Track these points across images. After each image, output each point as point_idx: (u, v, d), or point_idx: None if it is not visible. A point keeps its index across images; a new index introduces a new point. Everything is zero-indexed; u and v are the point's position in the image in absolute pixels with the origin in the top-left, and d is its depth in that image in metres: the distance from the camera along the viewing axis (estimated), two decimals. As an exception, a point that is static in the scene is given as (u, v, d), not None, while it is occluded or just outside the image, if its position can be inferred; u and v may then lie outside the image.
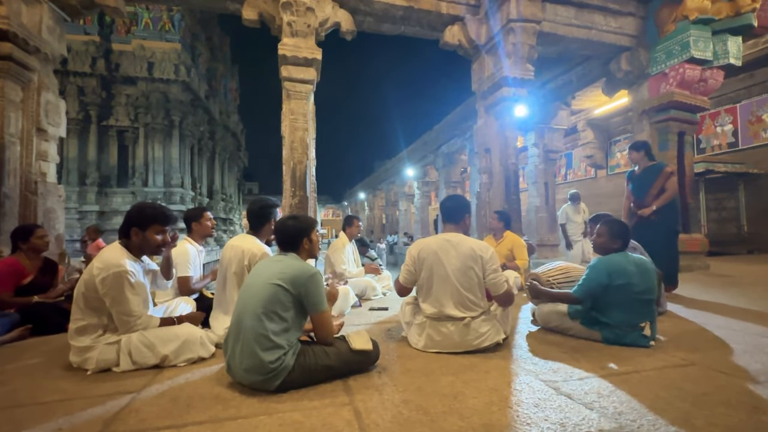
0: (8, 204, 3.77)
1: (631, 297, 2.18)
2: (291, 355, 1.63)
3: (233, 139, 19.19)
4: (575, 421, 1.33)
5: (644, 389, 1.59)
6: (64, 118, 4.46)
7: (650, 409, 1.41)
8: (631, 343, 2.15)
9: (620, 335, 2.18)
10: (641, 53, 5.69)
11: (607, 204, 10.71)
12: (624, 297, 2.19)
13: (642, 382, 1.66)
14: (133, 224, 2.01)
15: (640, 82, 5.93)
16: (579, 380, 1.70)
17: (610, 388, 1.60)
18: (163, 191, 11.88)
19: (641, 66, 5.74)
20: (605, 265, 2.27)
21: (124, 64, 11.66)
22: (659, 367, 1.87)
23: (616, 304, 2.21)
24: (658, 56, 5.59)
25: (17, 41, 3.73)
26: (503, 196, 5.24)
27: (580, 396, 1.54)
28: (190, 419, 1.40)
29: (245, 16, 4.55)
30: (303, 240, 1.91)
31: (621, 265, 2.23)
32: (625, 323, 2.18)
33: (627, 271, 2.21)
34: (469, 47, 5.36)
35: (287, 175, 4.56)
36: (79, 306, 1.89)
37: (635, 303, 2.19)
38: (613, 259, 2.28)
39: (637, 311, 2.19)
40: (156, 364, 1.92)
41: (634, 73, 5.86)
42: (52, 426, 1.37)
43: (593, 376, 1.74)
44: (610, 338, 2.20)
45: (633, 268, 2.23)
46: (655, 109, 5.69)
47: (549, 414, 1.39)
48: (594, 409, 1.43)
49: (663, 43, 5.50)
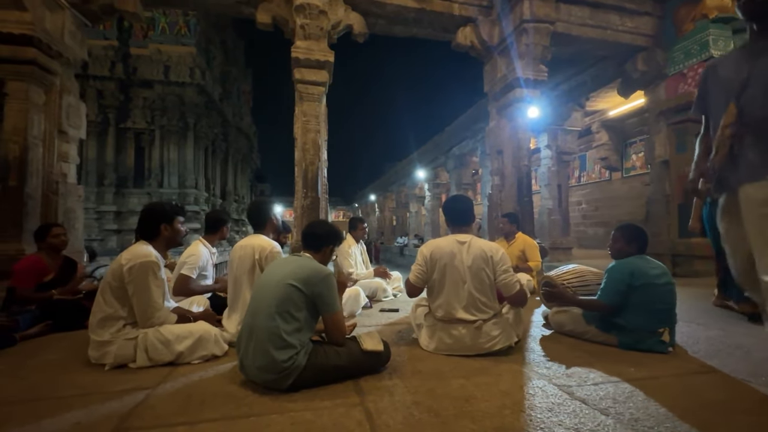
0: (31, 204, 3.88)
1: (651, 301, 2.12)
2: (303, 354, 1.64)
3: (246, 141, 19.45)
4: (590, 427, 1.31)
5: (662, 396, 1.55)
6: (84, 121, 4.59)
7: (668, 416, 1.38)
8: (649, 349, 2.09)
9: (637, 340, 2.12)
10: (658, 53, 5.59)
11: (622, 207, 10.50)
12: (644, 300, 2.13)
13: (659, 389, 1.62)
14: (162, 221, 2.15)
15: (657, 82, 5.81)
16: (594, 385, 1.67)
17: (626, 394, 1.57)
18: (177, 192, 12.10)
19: (658, 66, 5.63)
20: (625, 266, 2.20)
21: (141, 67, 11.94)
22: (677, 373, 1.82)
23: (635, 308, 2.15)
24: (676, 56, 5.47)
25: (41, 46, 3.86)
26: (515, 198, 5.19)
27: (595, 401, 1.51)
28: (204, 416, 1.42)
29: (259, 20, 4.62)
30: (329, 246, 1.97)
31: (641, 267, 2.17)
32: (644, 328, 2.13)
33: (647, 274, 2.15)
34: (481, 48, 5.33)
35: (299, 177, 4.60)
36: (104, 297, 1.96)
37: (655, 307, 2.13)
38: (632, 261, 2.22)
39: (656, 316, 2.13)
40: (171, 360, 1.96)
41: (651, 73, 5.75)
42: (71, 420, 1.40)
43: (609, 382, 1.71)
44: (627, 343, 2.15)
45: (654, 270, 2.17)
46: (672, 110, 5.57)
47: (563, 419, 1.37)
48: (609, 414, 1.40)
49: (681, 42, 5.38)
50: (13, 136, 3.81)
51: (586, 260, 6.59)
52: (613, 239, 2.38)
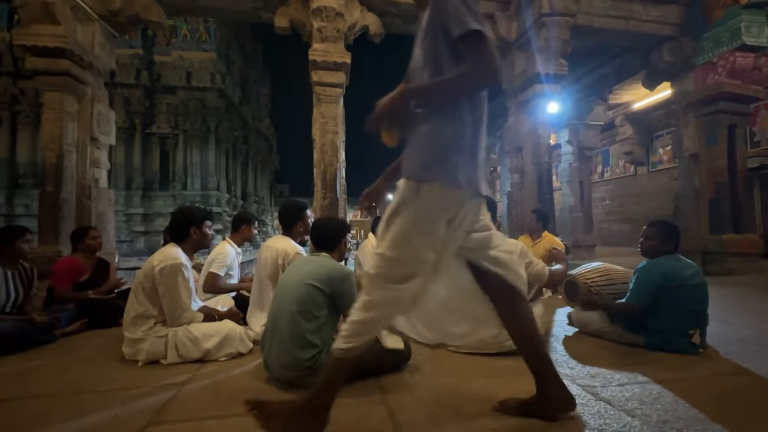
0: (66, 208, 4.09)
1: (683, 302, 2.04)
2: (325, 353, 1.67)
3: (265, 143, 19.81)
4: (615, 428, 1.29)
5: (691, 398, 1.50)
6: (113, 127, 4.80)
7: (698, 418, 1.34)
8: (678, 350, 2.03)
9: (666, 341, 2.06)
10: (685, 42, 5.37)
11: (648, 203, 10.14)
12: (675, 302, 2.05)
13: (689, 391, 1.58)
14: (192, 224, 2.25)
15: (685, 73, 5.59)
16: (619, 386, 1.64)
17: (654, 396, 1.53)
18: (200, 194, 12.45)
19: (685, 56, 5.42)
20: (657, 266, 2.12)
21: (164, 74, 12.34)
22: (708, 375, 1.76)
23: (666, 309, 2.07)
24: (705, 45, 5.25)
25: (74, 58, 4.06)
26: (536, 195, 5.10)
27: (621, 402, 1.48)
28: (232, 411, 1.47)
29: (277, 24, 4.71)
30: (341, 241, 1.99)
31: (674, 267, 2.09)
32: (673, 329, 2.06)
33: (681, 274, 2.06)
34: (499, 44, 5.26)
35: (318, 178, 4.67)
36: (137, 296, 2.07)
37: (687, 308, 2.05)
38: (665, 261, 2.13)
39: (687, 317, 2.06)
40: (199, 357, 2.04)
41: (678, 63, 5.54)
42: (110, 413, 1.49)
43: (635, 383, 1.67)
44: (654, 344, 2.09)
45: (687, 271, 2.09)
46: (701, 102, 5.34)
47: (587, 420, 1.35)
48: (636, 416, 1.37)
49: (711, 30, 5.16)
50: (49, 144, 4.03)
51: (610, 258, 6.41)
52: (645, 236, 2.27)
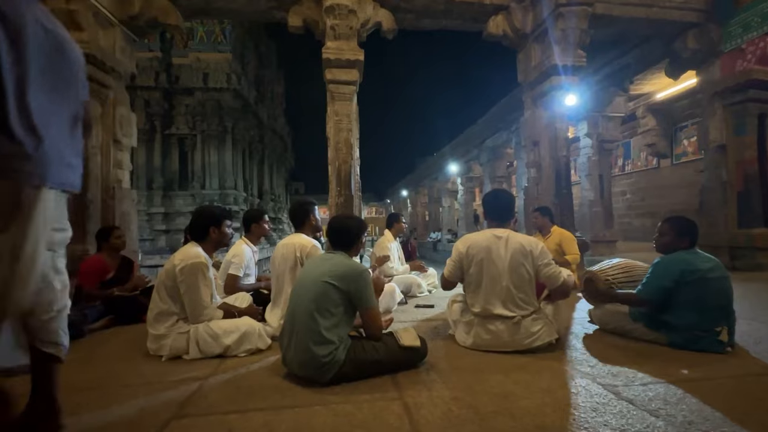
0: (92, 208, 4.24)
1: (705, 297, 1.98)
2: (342, 349, 1.69)
3: (280, 142, 20.05)
4: (639, 428, 1.26)
5: (718, 398, 1.46)
6: (134, 130, 4.93)
7: (726, 420, 1.30)
8: (703, 349, 1.96)
9: (691, 340, 2.00)
10: (711, 29, 5.14)
11: (672, 196, 9.80)
12: (696, 297, 1.99)
13: (715, 391, 1.53)
14: (211, 224, 2.30)
15: (711, 60, 5.36)
16: (642, 386, 1.60)
17: (678, 396, 1.49)
18: (218, 193, 12.72)
19: (711, 43, 5.19)
20: (673, 262, 2.08)
21: (182, 76, 12.61)
22: (736, 374, 1.70)
23: (688, 305, 2.01)
24: (733, 30, 5.01)
25: (96, 63, 4.18)
26: (553, 190, 5.00)
27: (644, 402, 1.45)
28: (253, 406, 1.51)
29: (291, 23, 4.73)
30: (359, 240, 2.00)
31: (691, 262, 2.03)
32: (697, 326, 1.99)
33: (699, 268, 2.01)
34: (514, 37, 5.15)
35: (333, 175, 4.70)
36: (159, 294, 2.13)
37: (710, 304, 1.99)
38: (682, 256, 2.08)
39: (710, 313, 1.99)
40: (220, 353, 2.09)
41: (703, 51, 5.31)
42: (137, 406, 1.54)
43: (658, 382, 1.63)
44: (679, 342, 2.03)
45: (705, 264, 2.03)
46: (729, 90, 5.12)
47: (609, 419, 1.33)
48: (660, 416, 1.34)
49: (739, 15, 4.92)
50: (75, 147, 4.17)
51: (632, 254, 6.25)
52: (660, 232, 2.23)
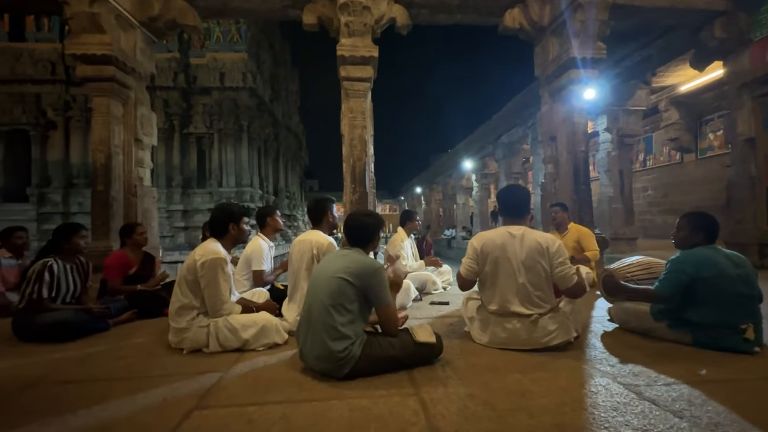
0: (115, 205, 4.38)
1: (727, 292, 1.92)
2: (358, 345, 1.70)
3: (295, 140, 20.24)
4: (662, 429, 1.23)
5: (747, 400, 1.41)
6: (155, 129, 5.06)
7: (755, 423, 1.25)
8: (730, 348, 1.90)
9: (716, 338, 1.94)
10: (740, 17, 4.92)
11: (696, 192, 9.46)
12: (717, 292, 1.93)
13: (744, 393, 1.48)
14: (230, 220, 2.35)
15: (739, 50, 5.13)
16: (665, 386, 1.56)
17: (703, 397, 1.45)
18: (235, 190, 12.95)
19: (740, 32, 4.97)
20: (690, 257, 2.03)
21: (200, 76, 12.86)
22: (765, 376, 1.64)
23: (708, 301, 1.96)
24: (764, 18, 4.79)
25: (118, 64, 4.30)
26: (571, 186, 4.90)
27: (667, 403, 1.41)
28: (271, 398, 1.54)
29: (305, 21, 4.76)
30: (376, 237, 2.01)
31: (709, 257, 1.98)
32: (722, 324, 1.93)
33: (718, 263, 1.95)
34: (531, 30, 5.05)
35: (347, 173, 4.71)
36: (181, 289, 2.18)
37: (732, 300, 1.92)
38: (699, 251, 2.04)
39: (734, 310, 1.93)
40: (238, 347, 2.13)
41: (731, 40, 5.09)
42: (160, 396, 1.59)
43: (682, 382, 1.58)
44: (703, 341, 1.97)
45: (725, 260, 1.97)
46: (759, 81, 4.90)
47: (630, 419, 1.30)
48: (684, 417, 1.30)
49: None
50: (99, 146, 4.31)
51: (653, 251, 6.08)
52: (677, 227, 2.21)
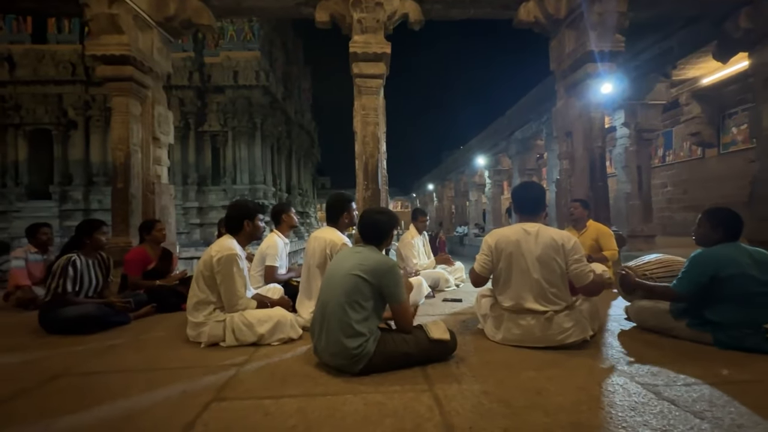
0: (134, 203, 4.49)
1: (749, 291, 1.87)
2: (372, 341, 1.72)
3: (307, 137, 20.37)
4: (682, 430, 1.21)
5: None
6: (171, 127, 5.16)
7: (780, 425, 1.22)
8: (753, 349, 1.85)
9: (738, 338, 1.89)
10: (766, 6, 4.73)
11: (718, 189, 9.17)
12: (739, 291, 1.88)
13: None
14: (245, 217, 2.39)
15: (765, 41, 4.93)
16: (685, 386, 1.53)
17: (726, 398, 1.41)
18: (249, 188, 13.13)
19: (766, 22, 4.78)
20: (709, 254, 1.99)
21: (214, 74, 13.05)
22: (792, 378, 1.59)
23: (730, 300, 1.91)
24: (792, 7, 4.60)
25: (136, 64, 4.39)
26: (587, 183, 4.80)
27: (687, 403, 1.38)
28: (286, 392, 1.56)
29: (318, 19, 4.76)
30: (390, 235, 2.01)
31: (729, 255, 1.94)
32: (743, 323, 1.88)
33: (738, 261, 1.90)
34: (547, 23, 4.95)
35: (360, 170, 4.72)
36: (198, 284, 2.24)
37: (755, 298, 1.87)
38: (720, 249, 1.99)
39: (757, 309, 1.87)
40: (254, 341, 2.17)
41: (757, 31, 4.90)
42: (179, 388, 1.63)
43: (703, 383, 1.55)
44: (725, 341, 1.92)
45: (746, 258, 1.92)
46: (786, 73, 4.72)
47: (648, 419, 1.28)
48: (705, 418, 1.27)
49: (799, -10, 4.51)
50: (118, 145, 4.42)
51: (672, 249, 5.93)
52: (697, 224, 2.17)
